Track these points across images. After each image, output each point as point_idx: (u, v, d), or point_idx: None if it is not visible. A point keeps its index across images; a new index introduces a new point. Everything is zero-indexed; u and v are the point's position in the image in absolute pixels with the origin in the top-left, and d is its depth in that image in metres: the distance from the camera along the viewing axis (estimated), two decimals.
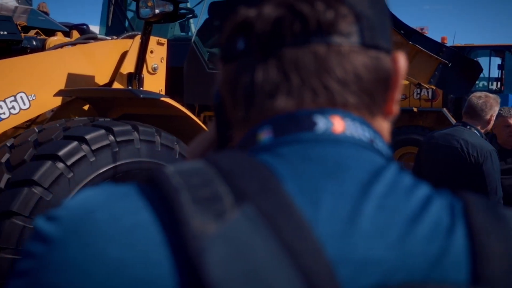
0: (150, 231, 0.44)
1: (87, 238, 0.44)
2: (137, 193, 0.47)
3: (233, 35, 0.57)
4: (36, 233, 0.47)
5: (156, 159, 3.17)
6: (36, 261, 0.45)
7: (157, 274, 0.42)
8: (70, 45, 3.88)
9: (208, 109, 4.76)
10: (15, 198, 2.61)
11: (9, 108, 3.25)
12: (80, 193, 0.51)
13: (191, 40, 4.48)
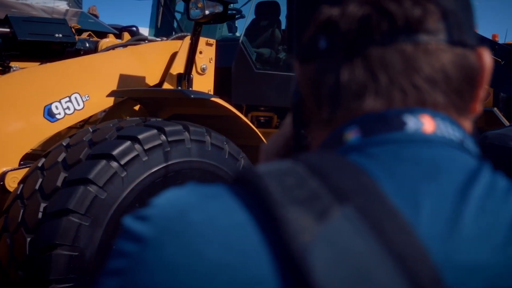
0: (247, 232, 0.44)
1: (183, 238, 0.44)
2: (228, 194, 0.47)
3: (315, 34, 0.56)
4: (127, 233, 0.48)
5: (206, 158, 3.20)
6: (130, 260, 0.45)
7: (258, 275, 0.42)
8: (122, 46, 3.96)
9: (255, 109, 4.77)
10: (72, 196, 2.67)
11: (64, 108, 3.34)
12: (166, 193, 0.51)
13: (239, 41, 4.50)
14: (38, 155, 3.29)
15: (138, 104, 3.89)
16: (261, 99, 4.65)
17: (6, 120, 3.11)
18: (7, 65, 3.54)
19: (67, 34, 3.69)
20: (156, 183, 2.96)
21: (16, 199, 2.84)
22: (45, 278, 2.59)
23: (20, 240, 2.69)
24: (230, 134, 3.49)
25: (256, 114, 4.79)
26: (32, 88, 3.27)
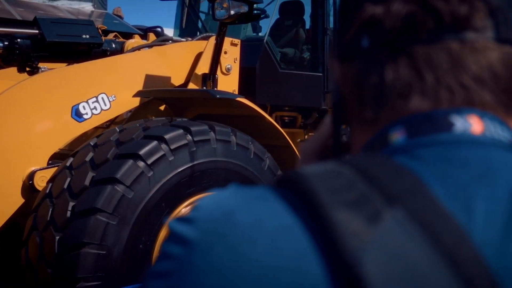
0: (295, 235, 0.43)
1: (230, 241, 0.44)
2: (274, 196, 0.47)
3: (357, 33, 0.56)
4: (173, 235, 0.48)
5: (232, 158, 3.20)
6: (176, 263, 0.45)
7: (309, 279, 0.41)
8: (147, 47, 3.99)
9: (279, 109, 4.77)
10: (99, 196, 2.70)
11: (91, 108, 3.38)
12: (210, 195, 0.51)
13: (264, 41, 4.50)
14: (65, 154, 3.34)
15: (164, 104, 3.92)
16: (285, 99, 4.65)
17: (35, 120, 3.16)
18: (35, 66, 3.59)
19: (94, 35, 3.73)
20: (182, 183, 2.97)
21: (45, 198, 2.89)
22: (73, 276, 2.62)
23: (49, 238, 2.72)
24: (255, 134, 3.49)
25: (280, 114, 4.79)
26: (60, 89, 3.31)
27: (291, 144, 3.85)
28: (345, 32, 0.57)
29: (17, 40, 3.49)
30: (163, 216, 2.91)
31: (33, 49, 3.54)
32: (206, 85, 3.84)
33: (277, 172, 3.50)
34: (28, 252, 2.85)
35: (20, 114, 3.10)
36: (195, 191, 3.05)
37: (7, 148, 3.03)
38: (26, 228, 2.94)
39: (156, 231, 2.89)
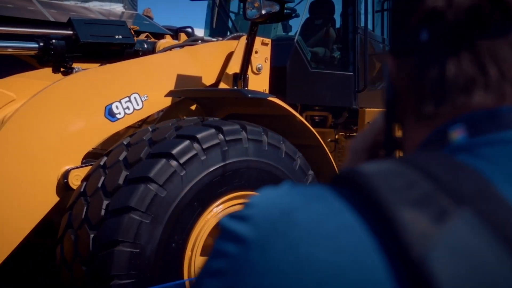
0: (357, 234, 0.42)
1: (290, 240, 0.43)
2: (332, 195, 0.46)
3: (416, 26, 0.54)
4: (227, 233, 0.47)
5: (263, 158, 3.20)
6: (232, 261, 0.44)
7: (373, 279, 0.40)
8: (179, 47, 4.02)
9: (310, 109, 4.75)
10: (133, 194, 2.73)
11: (124, 108, 3.41)
12: (263, 193, 0.50)
13: (294, 40, 4.49)
14: (98, 154, 3.38)
15: (195, 104, 3.94)
16: (316, 98, 4.62)
17: (70, 120, 3.21)
18: (70, 67, 3.65)
19: (127, 36, 3.77)
20: (213, 182, 2.98)
21: (80, 197, 2.93)
22: (107, 273, 2.65)
23: (84, 236, 2.76)
24: (285, 133, 3.48)
25: (311, 113, 4.77)
26: (94, 89, 3.35)
27: (322, 144, 3.83)
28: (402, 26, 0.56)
29: (52, 41, 3.55)
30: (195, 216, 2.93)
31: (68, 49, 3.59)
32: (237, 84, 3.84)
33: (308, 172, 3.49)
34: (63, 250, 2.89)
35: (55, 114, 3.15)
36: (226, 190, 3.05)
37: (43, 147, 3.08)
38: (61, 226, 2.98)
39: (189, 230, 2.90)
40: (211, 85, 3.91)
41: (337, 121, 4.88)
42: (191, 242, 2.93)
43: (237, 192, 3.11)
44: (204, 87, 3.87)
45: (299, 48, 4.48)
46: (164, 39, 4.16)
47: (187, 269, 2.94)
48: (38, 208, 3.06)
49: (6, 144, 2.98)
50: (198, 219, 2.95)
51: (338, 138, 4.88)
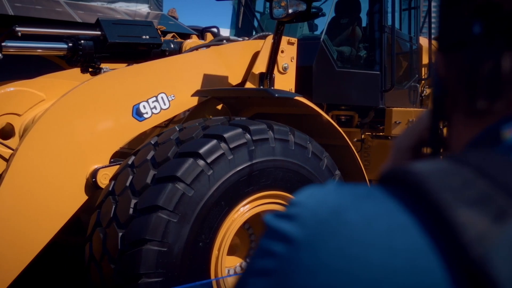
0: (412, 235, 0.41)
1: (340, 240, 0.42)
2: (382, 194, 0.44)
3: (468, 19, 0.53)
4: (273, 232, 0.46)
5: (290, 157, 3.19)
6: (280, 261, 0.44)
7: (429, 282, 0.39)
8: (205, 47, 4.03)
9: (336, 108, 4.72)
10: (161, 193, 2.74)
11: (151, 108, 3.43)
12: (308, 191, 0.49)
13: (320, 39, 4.46)
14: (125, 153, 3.41)
15: (221, 104, 3.95)
16: (342, 98, 4.60)
17: (98, 120, 3.24)
18: (98, 67, 3.68)
19: (154, 36, 3.79)
20: (240, 182, 2.98)
21: (108, 195, 2.96)
22: (135, 271, 2.67)
23: (112, 234, 2.79)
24: (311, 133, 3.47)
25: (337, 113, 4.74)
26: (122, 89, 3.38)
27: (349, 143, 3.81)
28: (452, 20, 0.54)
29: (80, 41, 3.59)
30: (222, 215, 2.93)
31: (96, 50, 3.63)
32: (263, 84, 3.84)
33: (335, 172, 3.47)
34: (92, 248, 2.92)
35: (83, 114, 3.18)
36: (253, 190, 3.05)
37: (72, 146, 3.12)
38: (90, 224, 3.02)
39: (216, 229, 2.91)
40: (237, 85, 3.91)
41: (363, 121, 4.85)
42: (218, 241, 2.94)
43: (264, 192, 3.11)
44: (230, 86, 3.88)
45: (325, 47, 4.46)
46: (190, 39, 4.18)
47: (214, 268, 2.95)
48: (67, 207, 3.10)
49: (36, 143, 3.02)
50: (225, 218, 2.95)
51: (364, 137, 4.85)
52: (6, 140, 3.18)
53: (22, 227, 2.95)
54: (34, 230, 2.99)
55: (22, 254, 2.95)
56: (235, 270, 3.39)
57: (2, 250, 2.88)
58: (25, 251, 2.96)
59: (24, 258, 2.95)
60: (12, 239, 2.91)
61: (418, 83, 5.44)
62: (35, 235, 2.99)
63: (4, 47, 3.34)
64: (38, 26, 3.74)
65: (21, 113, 3.27)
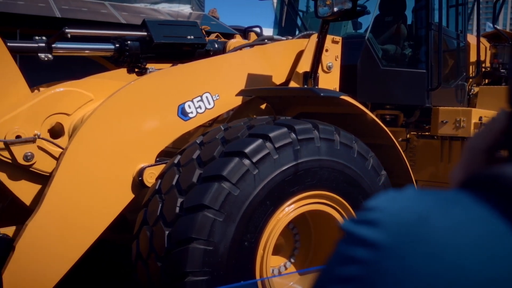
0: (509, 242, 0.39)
1: (430, 247, 0.40)
2: (469, 200, 0.43)
3: None
4: (354, 238, 0.45)
5: (335, 157, 3.16)
6: (366, 268, 0.42)
7: None
8: (249, 46, 4.03)
9: (380, 107, 4.65)
10: (207, 192, 2.76)
11: (196, 107, 3.46)
12: (389, 196, 0.47)
13: (364, 38, 4.41)
14: (170, 152, 3.44)
15: (265, 103, 3.94)
16: (387, 97, 4.52)
17: (144, 119, 3.28)
18: (143, 67, 3.74)
19: (198, 36, 3.82)
20: (285, 181, 2.97)
21: (155, 194, 2.99)
22: (181, 270, 2.70)
23: (159, 233, 2.82)
24: (356, 132, 3.42)
25: (381, 112, 4.67)
26: (167, 89, 3.41)
27: (396, 143, 3.74)
28: None
29: (127, 42, 3.64)
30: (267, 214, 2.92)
31: (142, 50, 3.68)
32: (307, 83, 3.82)
33: (381, 172, 3.42)
34: (139, 246, 2.96)
35: (130, 113, 3.23)
36: (298, 190, 3.04)
37: (119, 145, 3.17)
38: (137, 222, 3.06)
39: (261, 229, 2.91)
40: (281, 84, 3.90)
41: (408, 120, 4.76)
42: (263, 241, 2.93)
43: (309, 192, 3.09)
44: (274, 86, 3.87)
45: (370, 46, 4.40)
46: (234, 39, 4.19)
47: (259, 268, 2.94)
48: (114, 205, 3.15)
49: (85, 142, 3.08)
50: (270, 218, 2.94)
51: (410, 137, 4.76)
52: (56, 139, 3.25)
53: (71, 225, 3.01)
54: (83, 228, 3.05)
55: (70, 252, 3.02)
56: (279, 270, 3.38)
57: (51, 247, 2.95)
58: (74, 248, 3.02)
59: (73, 256, 3.01)
60: (61, 237, 2.98)
61: (465, 81, 5.31)
62: (83, 232, 3.05)
63: (54, 48, 3.43)
64: (86, 28, 3.82)
65: (70, 112, 3.33)
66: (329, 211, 3.23)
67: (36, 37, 3.45)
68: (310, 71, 3.79)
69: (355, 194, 3.26)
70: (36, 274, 2.91)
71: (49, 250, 2.94)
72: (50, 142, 3.20)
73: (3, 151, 3.08)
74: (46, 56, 3.40)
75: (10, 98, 3.17)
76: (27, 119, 3.15)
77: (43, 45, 3.39)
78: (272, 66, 3.89)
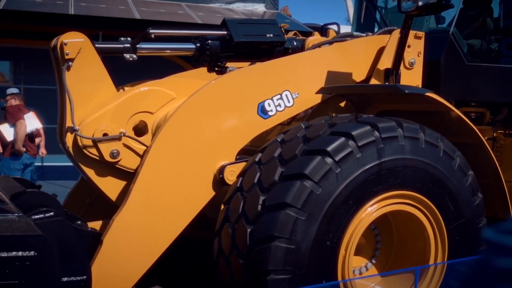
0: None
1: None
2: None
3: None
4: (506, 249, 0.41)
5: (420, 156, 3.06)
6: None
7: None
8: (328, 43, 3.98)
9: (465, 105, 4.46)
10: (289, 191, 2.75)
11: (275, 105, 3.45)
12: None
13: (449, 32, 4.24)
14: (248, 150, 3.45)
15: (344, 101, 3.88)
16: (474, 94, 4.33)
17: (225, 117, 3.31)
18: (223, 66, 3.77)
19: (278, 34, 3.81)
20: (368, 180, 2.91)
21: (237, 191, 3.01)
22: (264, 268, 2.70)
23: (241, 230, 2.84)
24: (439, 130, 3.29)
25: (466, 109, 4.47)
26: (247, 87, 3.43)
27: (484, 142, 3.58)
28: None
29: (207, 41, 3.69)
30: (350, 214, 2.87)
31: (222, 49, 3.71)
32: (388, 80, 3.72)
33: (468, 172, 3.28)
34: (220, 242, 2.99)
35: (212, 112, 3.27)
36: (381, 189, 2.96)
37: (201, 143, 3.22)
38: (219, 219, 3.09)
39: (343, 229, 2.86)
40: (361, 82, 3.82)
41: (495, 118, 4.54)
42: (345, 241, 2.89)
43: (392, 192, 3.01)
44: (354, 83, 3.80)
45: (454, 41, 4.22)
46: (312, 36, 4.15)
47: (340, 268, 2.90)
48: (196, 202, 3.20)
49: (168, 141, 3.15)
50: (352, 218, 2.89)
51: (496, 136, 4.53)
52: (140, 137, 3.34)
53: (155, 220, 3.09)
54: (166, 224, 3.12)
55: (154, 246, 3.09)
56: (360, 270, 3.32)
57: (136, 242, 3.03)
58: (157, 243, 3.10)
59: (156, 250, 3.09)
60: (145, 232, 3.06)
61: None
62: (166, 228, 3.12)
63: (138, 48, 3.52)
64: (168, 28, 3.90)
65: (154, 111, 3.42)
66: (413, 212, 3.13)
67: (122, 38, 3.56)
68: (392, 67, 3.68)
69: (440, 194, 3.15)
70: (122, 267, 3.01)
71: (134, 245, 3.03)
72: (135, 139, 3.30)
73: (91, 148, 3.21)
74: (131, 57, 3.50)
75: (98, 97, 3.29)
76: (113, 118, 3.26)
77: (128, 45, 3.49)
78: (352, 63, 3.82)
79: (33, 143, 7.15)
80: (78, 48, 3.17)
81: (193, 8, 8.42)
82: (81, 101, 3.21)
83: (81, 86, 3.24)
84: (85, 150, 3.19)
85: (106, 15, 8.48)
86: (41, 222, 2.53)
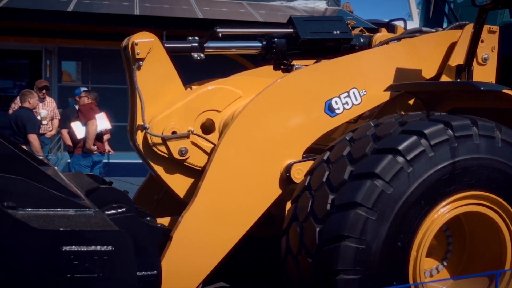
0: None
1: None
2: None
3: None
4: None
5: (496, 156, 2.95)
6: None
7: None
8: (396, 40, 3.89)
9: None
10: (359, 190, 2.70)
11: (343, 103, 3.41)
12: None
13: None
14: (315, 148, 3.42)
15: (413, 99, 3.79)
16: None
17: (292, 115, 3.30)
18: (289, 64, 3.76)
19: (344, 31, 3.76)
20: (441, 180, 2.83)
21: (305, 190, 3.00)
22: (333, 267, 2.67)
23: (310, 229, 2.82)
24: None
25: None
26: (314, 85, 3.40)
27: None
28: None
29: (274, 39, 3.68)
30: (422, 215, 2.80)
31: (288, 47, 3.70)
32: (460, 77, 3.61)
33: None
34: (288, 241, 2.98)
35: (279, 110, 3.26)
36: (455, 190, 2.87)
37: (267, 142, 3.22)
38: (286, 217, 3.08)
39: (415, 230, 2.79)
40: (431, 79, 3.72)
41: None
42: (417, 242, 2.82)
43: (466, 192, 2.91)
44: (424, 80, 3.70)
45: None
46: (379, 33, 4.07)
47: (412, 270, 2.83)
48: (263, 200, 3.21)
49: (235, 139, 3.17)
50: (424, 219, 2.82)
51: None
52: (207, 135, 3.38)
53: (223, 218, 3.12)
54: (234, 221, 3.14)
55: (222, 243, 3.12)
56: (430, 272, 3.23)
57: (204, 239, 3.07)
58: (225, 240, 3.12)
59: (224, 247, 3.12)
60: (213, 229, 3.09)
61: None
62: (234, 225, 3.14)
63: (206, 47, 3.56)
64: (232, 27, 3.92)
65: (221, 109, 3.44)
66: (488, 213, 3.02)
67: (189, 38, 3.61)
68: (464, 64, 3.56)
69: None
70: (190, 263, 3.05)
71: (202, 241, 3.07)
72: (203, 138, 3.33)
73: (160, 146, 3.27)
74: (199, 55, 3.54)
75: (167, 96, 3.35)
76: (181, 116, 3.31)
77: (196, 45, 3.54)
78: (422, 59, 3.72)
79: (101, 142, 7.41)
80: (149, 48, 3.24)
81: (254, 6, 8.46)
82: (151, 100, 3.28)
83: (151, 85, 3.30)
84: (155, 147, 3.26)
85: (170, 15, 8.64)
86: (114, 217, 2.60)
